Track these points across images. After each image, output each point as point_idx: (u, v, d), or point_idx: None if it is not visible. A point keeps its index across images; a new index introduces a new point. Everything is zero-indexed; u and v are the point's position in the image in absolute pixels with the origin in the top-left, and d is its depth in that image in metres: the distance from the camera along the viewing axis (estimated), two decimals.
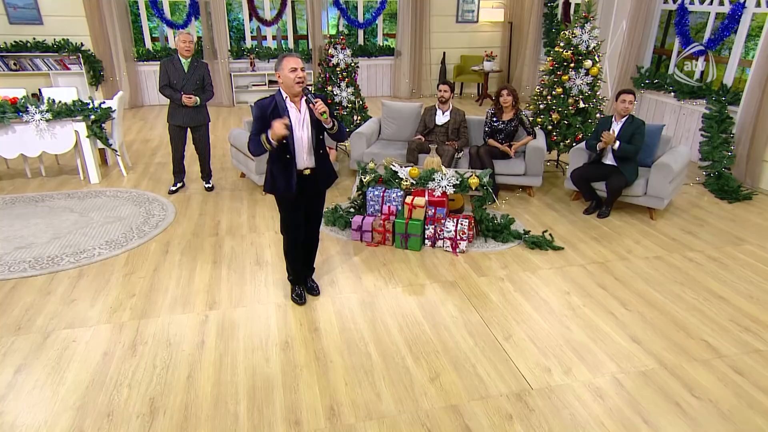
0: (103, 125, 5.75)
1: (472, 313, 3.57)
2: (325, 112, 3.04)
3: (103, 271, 4.03)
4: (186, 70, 5.11)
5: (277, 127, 2.98)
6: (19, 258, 4.18)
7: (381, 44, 10.63)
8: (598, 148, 5.01)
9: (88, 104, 5.65)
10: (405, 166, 4.87)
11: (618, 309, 3.62)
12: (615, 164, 4.97)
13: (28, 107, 5.40)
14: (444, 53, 10.74)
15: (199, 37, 9.62)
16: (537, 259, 4.31)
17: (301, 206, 3.42)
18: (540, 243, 4.45)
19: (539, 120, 6.06)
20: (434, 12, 10.47)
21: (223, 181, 5.98)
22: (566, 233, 4.77)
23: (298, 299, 3.65)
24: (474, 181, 4.38)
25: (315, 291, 3.77)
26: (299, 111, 3.17)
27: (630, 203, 5.14)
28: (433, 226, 4.39)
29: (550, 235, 4.57)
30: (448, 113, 5.80)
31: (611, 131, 4.88)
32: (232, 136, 5.85)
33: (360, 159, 5.85)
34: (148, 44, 9.65)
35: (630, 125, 4.88)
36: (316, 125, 3.19)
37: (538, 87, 6.23)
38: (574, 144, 5.87)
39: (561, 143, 6.02)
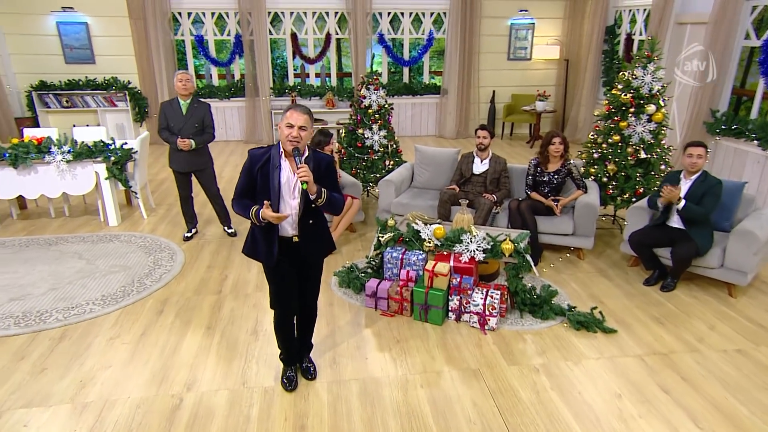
0: (125, 166, 5.58)
1: (494, 416, 2.89)
2: (306, 181, 2.54)
3: (88, 333, 3.67)
4: (184, 113, 4.82)
5: (270, 216, 2.62)
6: (8, 312, 3.91)
7: (427, 82, 10.22)
8: (659, 204, 4.24)
9: (109, 145, 5.49)
10: (431, 223, 4.30)
11: (686, 425, 2.83)
12: (684, 227, 4.18)
13: (51, 148, 5.29)
14: (493, 92, 10.19)
15: (242, 75, 9.57)
16: (583, 344, 3.56)
17: (292, 277, 2.91)
18: (587, 323, 3.71)
19: (592, 170, 5.34)
20: (484, 49, 9.98)
21: (245, 226, 5.62)
22: (620, 309, 3.99)
23: (287, 384, 3.11)
24: (508, 247, 3.74)
25: (310, 374, 3.21)
26: (293, 172, 2.71)
27: (702, 275, 4.29)
28: (458, 297, 3.76)
29: (600, 313, 3.81)
30: (487, 161, 5.21)
31: (678, 187, 4.12)
32: None
33: (387, 209, 5.34)
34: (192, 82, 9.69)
35: (702, 184, 4.09)
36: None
37: (591, 134, 5.53)
38: (633, 200, 5.10)
39: (618, 198, 5.25)
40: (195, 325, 3.77)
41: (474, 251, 3.81)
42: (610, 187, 5.25)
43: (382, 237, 4.05)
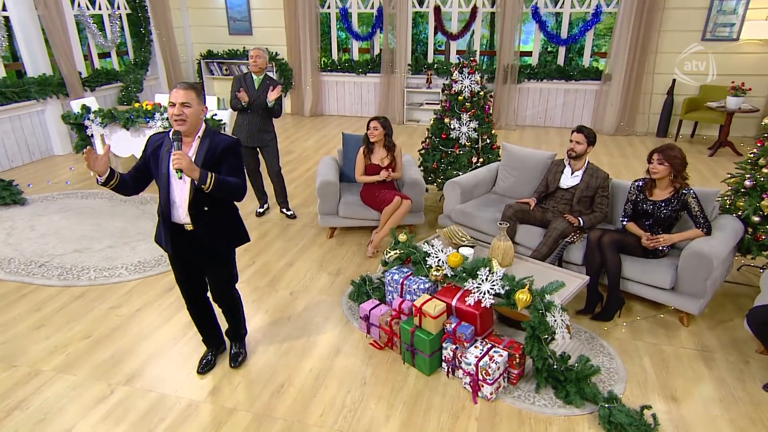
0: None
1: None
2: (179, 169, 2.34)
3: (101, 297, 3.84)
4: (256, 87, 4.74)
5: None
6: (63, 262, 4.32)
7: (586, 66, 8.63)
8: None
9: None
10: (463, 246, 3.49)
11: None
12: None
13: (155, 114, 5.72)
14: (673, 81, 8.14)
15: (381, 50, 9.28)
16: None
17: (190, 268, 2.83)
18: (626, 427, 2.58)
19: (740, 204, 3.77)
20: (669, 26, 7.99)
21: (305, 210, 5.43)
22: (699, 419, 2.71)
23: (200, 366, 3.06)
24: (522, 298, 2.78)
25: (235, 362, 3.09)
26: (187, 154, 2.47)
27: None
28: (452, 347, 2.96)
29: (654, 417, 2.62)
30: (579, 173, 4.06)
31: None
32: (319, 165, 5.22)
33: (450, 215, 4.57)
34: (335, 55, 9.75)
35: None
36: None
37: (752, 152, 3.90)
38: None
39: None
40: (186, 312, 3.66)
41: (485, 293, 2.94)
42: (763, 230, 3.66)
43: (387, 255, 3.40)
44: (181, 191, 2.56)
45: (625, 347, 3.28)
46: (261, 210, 5.37)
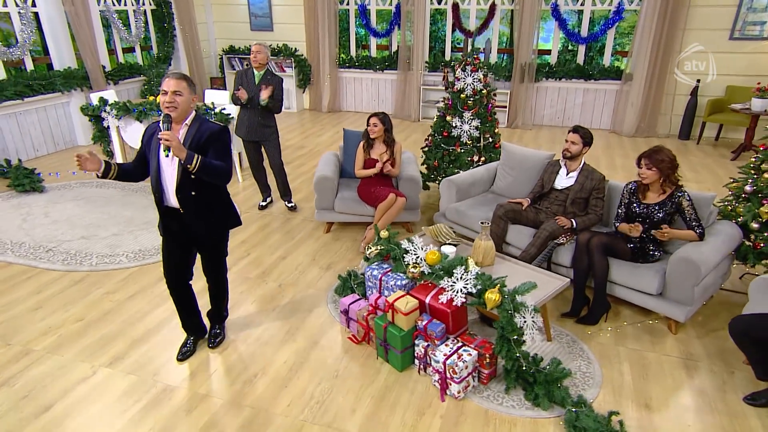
0: None
1: None
2: (167, 148, 2.49)
3: (98, 282, 3.99)
4: (257, 83, 4.82)
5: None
6: (69, 248, 4.51)
7: (607, 65, 8.42)
8: None
9: (210, 109, 5.86)
10: (447, 244, 3.49)
11: None
12: None
13: None
14: (698, 81, 7.86)
15: (398, 47, 9.27)
16: None
17: (177, 251, 2.95)
18: None
19: (740, 210, 3.64)
20: (694, 24, 7.72)
21: (307, 204, 5.50)
22: (672, 428, 2.65)
23: (180, 354, 3.15)
24: (492, 298, 2.76)
25: (212, 341, 3.25)
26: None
27: None
28: (424, 345, 2.96)
29: (621, 423, 2.57)
30: (575, 174, 3.99)
31: None
32: (320, 160, 5.28)
33: (443, 213, 4.57)
34: (353, 51, 9.79)
35: None
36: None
37: (754, 157, 3.76)
38: None
39: None
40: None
41: (458, 292, 2.93)
42: (762, 238, 3.52)
43: (368, 250, 3.42)
44: (170, 175, 2.69)
45: (605, 352, 3.22)
46: (264, 203, 5.47)
